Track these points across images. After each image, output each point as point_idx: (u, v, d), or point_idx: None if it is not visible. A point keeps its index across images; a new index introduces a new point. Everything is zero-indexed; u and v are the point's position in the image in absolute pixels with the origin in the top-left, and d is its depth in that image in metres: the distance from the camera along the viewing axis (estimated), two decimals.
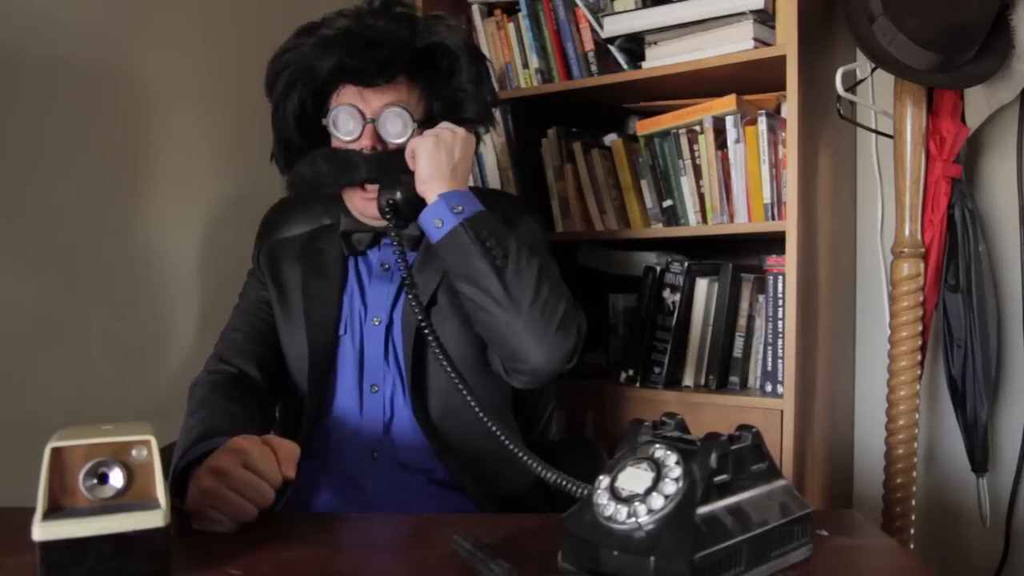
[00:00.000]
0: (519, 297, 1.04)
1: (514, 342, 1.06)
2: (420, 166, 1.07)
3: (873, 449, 1.82)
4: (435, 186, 1.07)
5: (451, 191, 1.07)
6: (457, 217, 1.05)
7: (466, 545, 0.71)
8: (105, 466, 0.68)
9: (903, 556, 0.83)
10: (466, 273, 1.05)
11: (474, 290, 1.05)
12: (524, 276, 1.05)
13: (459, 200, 1.06)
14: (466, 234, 1.04)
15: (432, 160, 1.07)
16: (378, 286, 1.20)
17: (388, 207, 1.08)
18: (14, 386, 1.37)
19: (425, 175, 1.07)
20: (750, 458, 0.71)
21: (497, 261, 1.04)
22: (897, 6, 1.47)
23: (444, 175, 1.07)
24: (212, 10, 1.68)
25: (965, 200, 1.61)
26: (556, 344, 1.05)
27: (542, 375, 1.08)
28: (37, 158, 1.41)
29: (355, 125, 1.13)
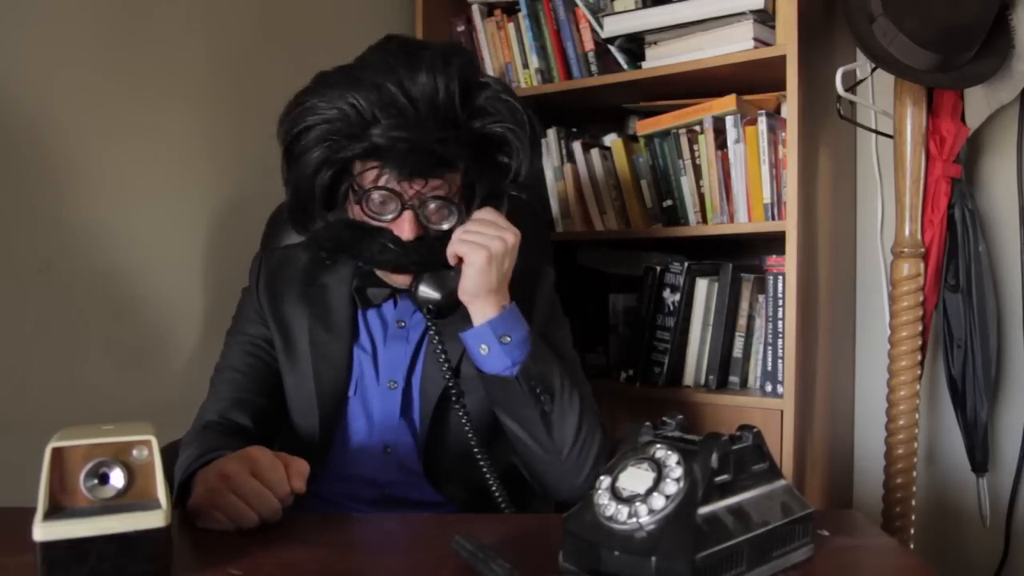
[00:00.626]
0: (561, 442, 1.03)
1: (547, 479, 1.07)
2: (466, 280, 0.99)
3: (873, 449, 1.82)
4: (480, 304, 1.01)
5: (497, 317, 1.00)
6: (505, 350, 1.00)
7: (467, 545, 0.71)
8: (106, 466, 0.68)
9: (904, 556, 0.83)
10: (511, 413, 1.03)
11: (517, 427, 1.04)
12: (567, 418, 1.03)
13: (506, 328, 1.00)
14: (519, 387, 1.00)
15: (481, 277, 0.99)
16: (393, 346, 1.12)
17: (429, 310, 1.03)
18: (14, 386, 1.37)
19: (471, 290, 1.00)
20: (751, 458, 0.71)
21: (545, 407, 1.01)
22: (897, 6, 1.47)
23: (490, 291, 1.00)
24: (212, 9, 1.68)
25: (965, 200, 1.61)
26: (588, 481, 1.04)
27: (568, 502, 1.06)
28: (37, 158, 1.41)
29: (393, 207, 1.00)
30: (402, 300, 1.14)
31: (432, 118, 0.95)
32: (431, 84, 0.95)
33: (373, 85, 0.95)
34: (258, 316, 1.17)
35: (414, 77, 0.95)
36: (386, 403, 1.11)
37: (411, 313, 1.13)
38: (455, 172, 1.02)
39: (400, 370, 1.12)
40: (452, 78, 0.96)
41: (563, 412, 1.03)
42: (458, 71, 0.97)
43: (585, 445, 1.05)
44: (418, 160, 0.96)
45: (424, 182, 0.99)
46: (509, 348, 1.00)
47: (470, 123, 1.00)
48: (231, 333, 1.20)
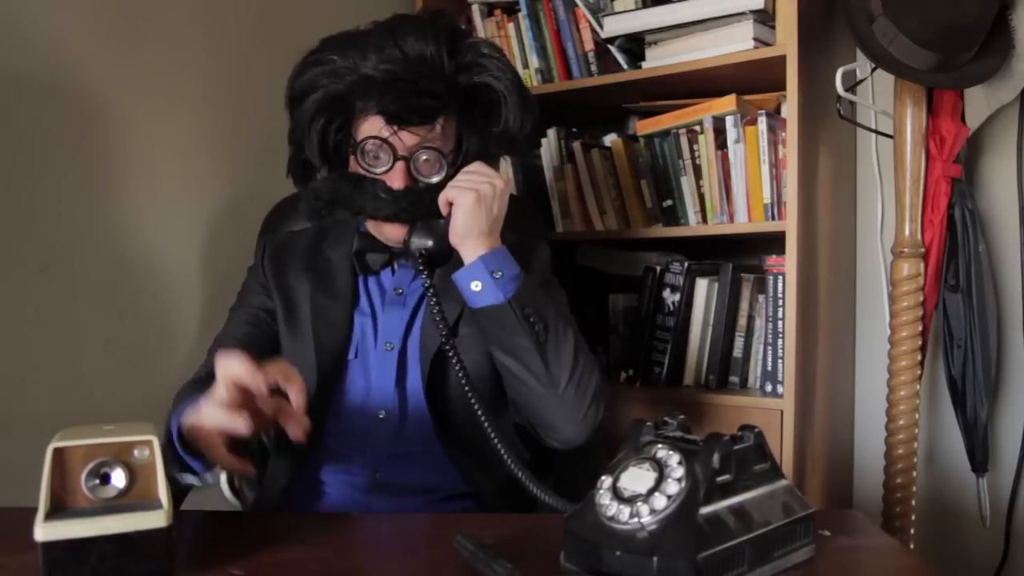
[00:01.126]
0: (557, 374, 1.04)
1: (549, 416, 1.07)
2: (456, 221, 1.03)
3: (873, 449, 1.82)
4: (471, 244, 1.03)
5: (489, 252, 1.03)
6: (498, 284, 1.02)
7: (468, 545, 0.71)
8: (107, 466, 0.68)
9: (905, 556, 0.83)
10: (506, 346, 1.04)
11: (513, 362, 1.05)
12: (563, 351, 1.05)
13: (497, 263, 1.03)
14: (512, 312, 1.02)
15: (471, 217, 1.02)
16: (391, 311, 1.16)
17: (420, 256, 1.05)
18: (14, 386, 1.37)
19: (461, 231, 1.03)
20: (752, 458, 0.71)
21: (539, 337, 1.03)
22: (897, 6, 1.47)
23: (481, 232, 1.03)
24: (212, 9, 1.68)
25: (965, 200, 1.61)
26: (588, 418, 1.07)
27: (573, 444, 1.09)
28: (38, 158, 1.41)
29: (386, 159, 1.07)
30: (400, 268, 1.18)
31: (423, 70, 1.04)
32: (421, 43, 1.04)
33: (369, 42, 1.05)
34: (262, 288, 1.22)
35: (405, 37, 1.04)
36: (383, 365, 1.14)
37: (409, 281, 1.17)
38: (445, 121, 1.08)
39: (397, 333, 1.15)
40: (440, 38, 1.05)
41: (558, 344, 1.05)
42: (447, 33, 1.06)
43: (582, 380, 1.06)
44: (408, 110, 1.03)
45: (418, 130, 1.05)
46: (501, 282, 1.03)
47: (457, 76, 1.07)
48: (233, 308, 1.24)
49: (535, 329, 1.03)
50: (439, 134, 1.08)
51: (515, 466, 0.93)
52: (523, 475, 0.92)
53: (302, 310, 1.16)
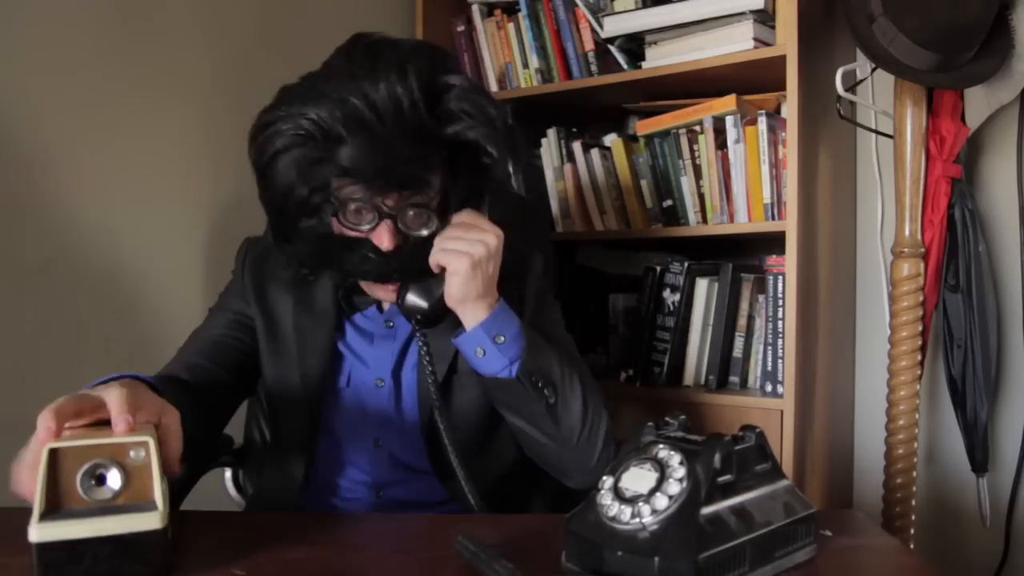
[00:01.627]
0: (569, 430, 1.03)
1: (562, 466, 1.08)
2: (452, 288, 0.97)
3: (873, 449, 1.82)
4: (469, 308, 0.99)
5: (488, 317, 0.99)
6: (501, 350, 0.99)
7: (470, 546, 0.71)
8: (103, 467, 0.67)
9: (906, 556, 0.83)
10: (516, 411, 1.03)
11: (524, 424, 1.04)
12: (572, 405, 1.03)
13: (498, 327, 0.99)
14: (520, 385, 0.99)
15: (467, 284, 0.97)
16: (381, 346, 1.12)
17: (417, 320, 1.01)
18: (14, 386, 1.36)
19: (458, 298, 0.98)
20: (754, 458, 0.71)
21: (549, 400, 1.01)
22: (897, 6, 1.47)
23: (478, 295, 0.98)
24: (212, 9, 1.68)
25: (965, 200, 1.61)
26: (600, 463, 1.05)
27: (585, 487, 1.08)
28: (38, 158, 1.41)
29: (370, 219, 0.97)
30: (389, 305, 1.13)
31: (399, 131, 0.91)
32: (393, 94, 0.91)
33: (337, 99, 0.91)
34: (241, 295, 1.16)
35: (376, 89, 0.90)
36: (376, 400, 1.11)
37: (398, 313, 1.11)
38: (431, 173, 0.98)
39: (387, 368, 1.11)
40: (412, 85, 0.91)
41: (567, 400, 1.03)
42: (418, 76, 0.92)
43: (593, 427, 1.05)
44: (390, 178, 0.94)
45: (399, 192, 0.96)
46: (505, 347, 0.99)
47: (441, 129, 0.95)
48: (212, 309, 1.20)
49: (544, 394, 1.00)
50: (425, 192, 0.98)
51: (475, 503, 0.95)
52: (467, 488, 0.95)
53: (285, 330, 1.12)
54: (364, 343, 1.13)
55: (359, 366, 1.12)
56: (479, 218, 1.00)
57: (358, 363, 1.12)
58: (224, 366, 1.12)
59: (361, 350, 1.12)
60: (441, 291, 0.99)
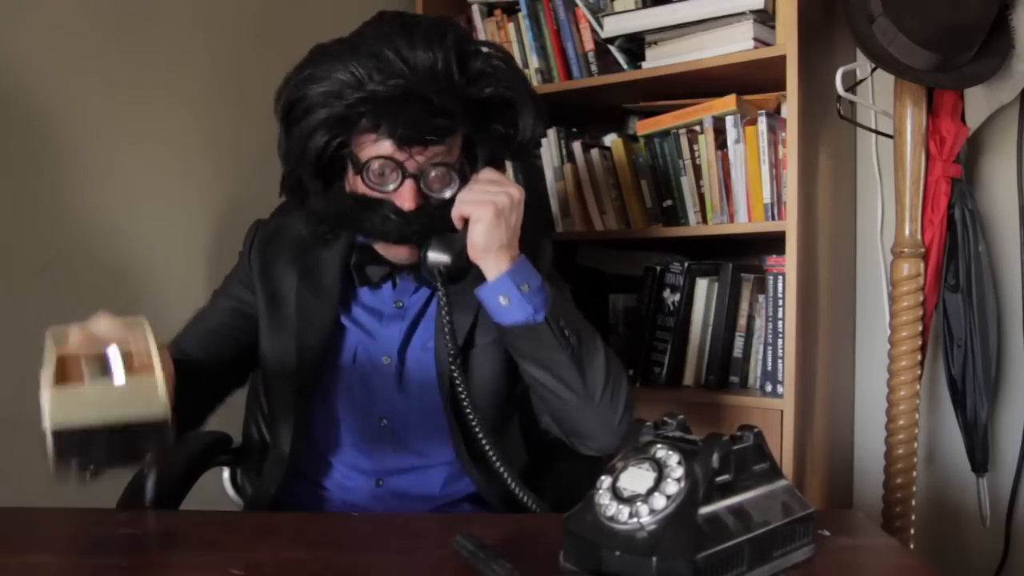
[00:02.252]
0: (593, 385, 1.02)
1: (585, 426, 1.06)
2: (476, 236, 0.97)
3: (873, 449, 1.82)
4: (492, 258, 0.98)
5: (513, 266, 0.99)
6: (525, 298, 0.98)
7: (468, 546, 0.71)
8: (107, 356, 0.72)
9: (905, 556, 0.83)
10: (541, 361, 1.01)
11: (548, 376, 1.02)
12: (596, 361, 1.03)
13: (523, 276, 0.99)
14: (549, 328, 0.98)
15: (491, 232, 0.97)
16: (390, 325, 1.12)
17: (439, 273, 1.00)
18: (14, 386, 1.36)
19: (482, 246, 0.98)
20: (752, 458, 0.71)
21: (574, 350, 1.00)
22: (897, 6, 1.47)
23: (502, 245, 0.98)
24: (212, 9, 1.68)
25: (965, 200, 1.61)
26: (622, 425, 1.05)
27: (607, 451, 1.07)
28: (38, 157, 1.41)
29: (394, 178, 0.99)
30: (401, 281, 1.13)
31: (432, 84, 0.95)
32: (428, 55, 0.95)
33: (371, 53, 0.95)
34: (246, 278, 1.17)
35: (411, 48, 0.95)
36: (382, 377, 1.11)
37: (409, 294, 1.13)
38: (455, 137, 1.01)
39: (394, 347, 1.12)
40: (449, 49, 0.96)
41: (591, 352, 1.03)
42: (454, 43, 0.97)
43: (616, 386, 1.05)
44: (419, 128, 0.96)
45: (424, 148, 0.98)
46: (530, 295, 0.99)
47: (469, 89, 0.99)
48: (215, 292, 1.21)
49: (571, 343, 1.00)
50: (449, 149, 1.02)
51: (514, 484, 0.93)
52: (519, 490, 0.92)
53: (287, 305, 1.12)
54: (372, 320, 1.13)
55: (367, 342, 1.12)
56: (500, 175, 1.02)
57: (366, 339, 1.12)
58: (218, 355, 1.12)
59: (370, 326, 1.13)
60: (463, 243, 0.99)
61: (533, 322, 0.98)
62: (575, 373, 1.01)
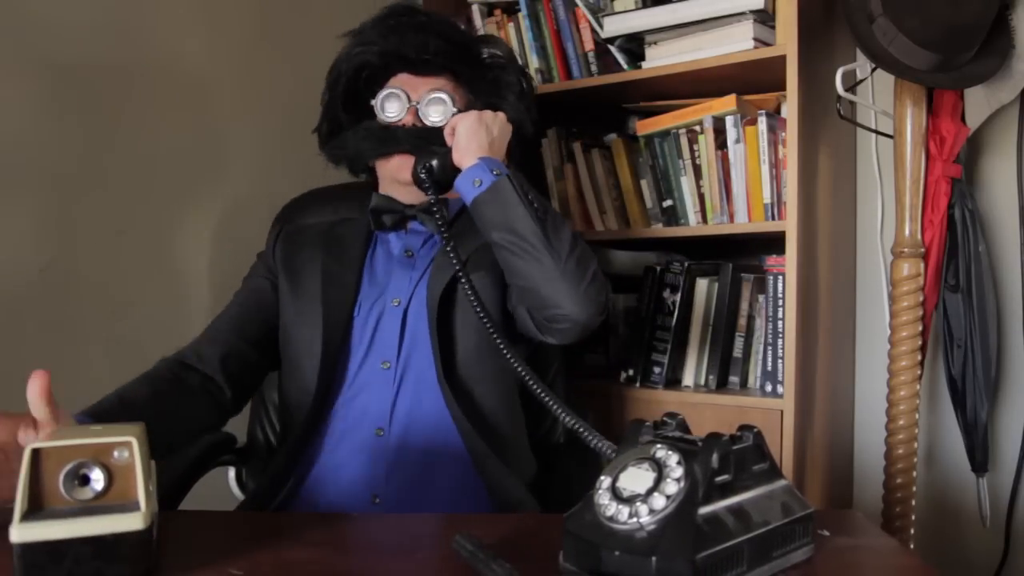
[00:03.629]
0: (557, 246, 1.08)
1: (551, 291, 1.09)
2: (459, 137, 1.14)
3: (873, 449, 1.82)
4: (472, 154, 1.13)
5: (489, 158, 1.13)
6: (496, 177, 1.10)
7: (467, 545, 0.71)
8: (86, 467, 0.67)
9: (904, 556, 0.83)
10: (506, 223, 1.09)
11: (514, 238, 1.09)
12: (561, 230, 1.10)
13: (497, 165, 1.12)
14: (510, 184, 1.09)
15: (472, 133, 1.14)
16: (400, 272, 1.22)
17: (424, 172, 1.13)
18: (14, 386, 1.36)
19: (463, 146, 1.13)
20: (752, 458, 0.71)
21: (538, 212, 1.09)
22: (897, 6, 1.47)
23: (481, 147, 1.13)
24: (214, 8, 1.68)
25: (965, 200, 1.61)
26: (590, 295, 1.10)
27: (577, 324, 1.11)
28: (38, 158, 1.41)
29: (399, 106, 1.23)
30: (411, 230, 1.26)
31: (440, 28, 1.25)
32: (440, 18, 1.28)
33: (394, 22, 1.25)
34: (267, 271, 1.27)
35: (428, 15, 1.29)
36: (389, 320, 1.18)
37: (419, 245, 1.24)
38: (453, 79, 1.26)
39: (405, 291, 1.20)
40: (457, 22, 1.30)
41: (556, 224, 1.11)
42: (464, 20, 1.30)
43: (583, 257, 1.11)
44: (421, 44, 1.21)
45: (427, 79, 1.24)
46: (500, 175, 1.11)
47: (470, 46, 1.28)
48: (237, 292, 1.29)
49: (534, 205, 1.09)
50: (449, 87, 1.24)
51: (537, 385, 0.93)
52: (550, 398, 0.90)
53: (311, 280, 1.21)
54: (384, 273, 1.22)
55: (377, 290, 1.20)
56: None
57: (377, 288, 1.20)
58: (246, 339, 1.21)
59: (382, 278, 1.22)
60: (449, 151, 1.15)
61: (495, 180, 1.10)
62: (537, 229, 1.08)
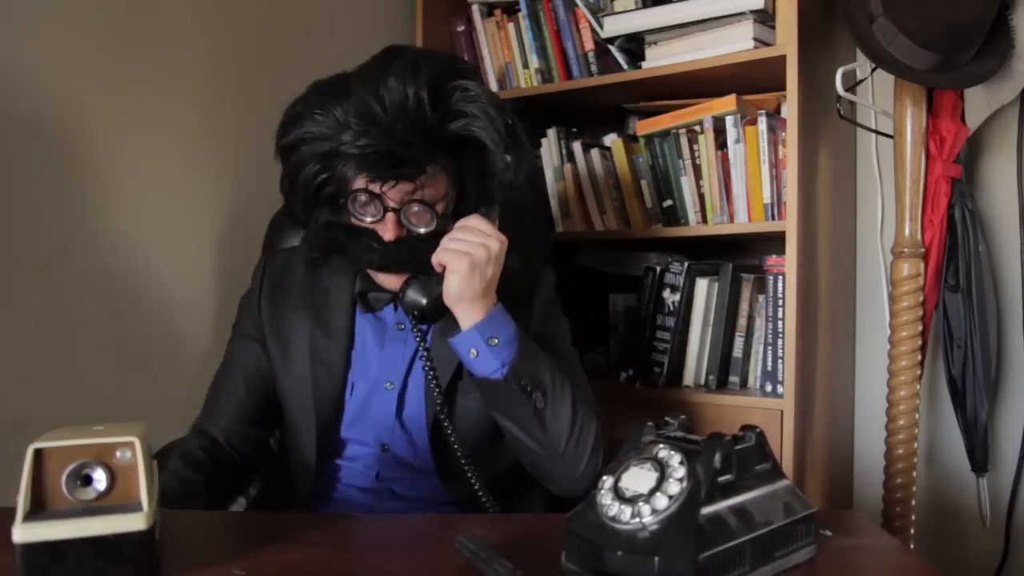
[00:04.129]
0: (556, 437, 1.05)
1: (548, 472, 1.09)
2: (450, 286, 1.01)
3: (873, 449, 1.82)
4: (466, 308, 1.02)
5: (484, 319, 1.02)
6: (493, 352, 1.01)
7: (470, 545, 0.71)
8: (88, 467, 0.67)
9: (906, 556, 0.83)
10: (506, 413, 1.05)
11: (513, 427, 1.06)
12: (560, 412, 1.05)
13: (492, 329, 1.02)
14: (510, 387, 1.02)
15: (464, 283, 1.01)
16: (392, 348, 1.15)
17: (414, 312, 1.05)
18: (14, 386, 1.36)
19: (455, 296, 1.02)
20: (754, 458, 0.71)
21: (537, 404, 1.03)
22: (897, 6, 1.47)
23: (475, 296, 1.01)
24: (214, 8, 1.68)
25: (965, 200, 1.61)
26: (586, 473, 1.08)
27: (572, 495, 1.09)
28: (38, 157, 1.41)
29: (376, 211, 1.04)
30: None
31: (401, 123, 0.99)
32: (399, 90, 0.98)
33: (350, 93, 1.01)
34: (254, 326, 1.21)
35: (387, 83, 0.99)
36: (383, 403, 1.13)
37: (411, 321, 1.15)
38: (431, 175, 1.03)
39: (398, 372, 1.14)
40: (422, 84, 0.99)
41: (556, 407, 1.05)
42: (428, 77, 0.99)
43: (581, 436, 1.07)
44: (381, 162, 0.99)
45: (404, 185, 1.02)
46: (497, 350, 1.01)
47: (443, 126, 1.02)
48: (231, 342, 1.24)
49: (532, 398, 1.03)
50: (428, 185, 1.04)
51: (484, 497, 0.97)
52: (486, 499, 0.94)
53: (299, 350, 1.16)
54: (375, 346, 1.15)
55: (366, 371, 1.14)
56: (485, 223, 1.04)
57: (369, 367, 1.14)
58: (260, 424, 1.20)
59: (372, 353, 1.15)
60: (440, 290, 1.03)
61: (496, 379, 1.01)
62: (536, 426, 1.04)
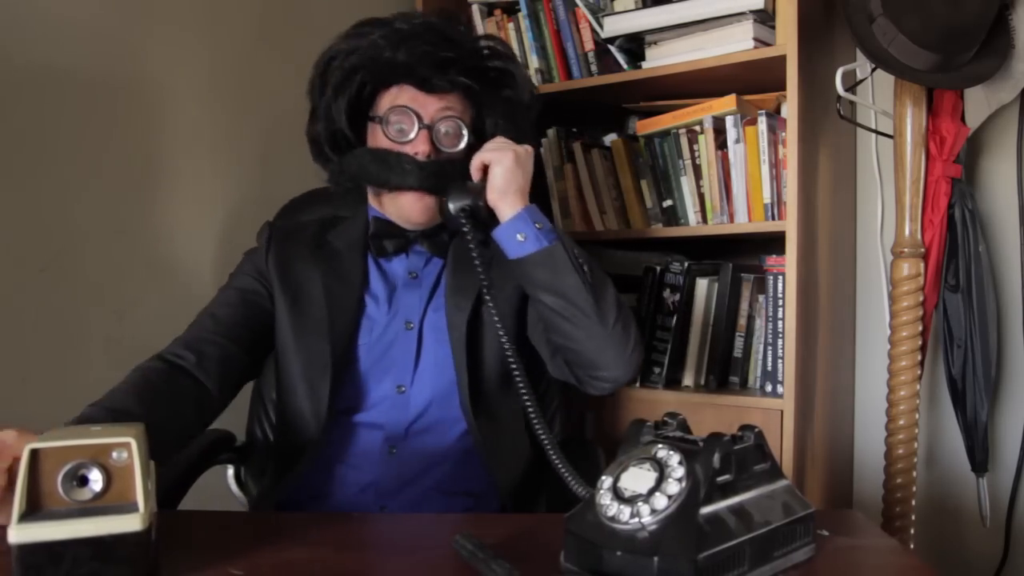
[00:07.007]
0: (606, 311, 1.07)
1: (598, 355, 1.10)
2: (496, 179, 1.08)
3: (873, 449, 1.82)
4: (510, 200, 1.08)
5: (529, 206, 1.08)
6: (542, 233, 1.07)
7: (467, 545, 0.71)
8: (84, 468, 0.67)
9: (904, 556, 0.83)
10: (558, 288, 1.06)
11: (564, 303, 1.07)
12: (607, 292, 1.09)
13: (537, 216, 1.08)
14: (564, 251, 1.06)
15: (510, 175, 1.08)
16: (408, 293, 1.19)
17: (464, 214, 1.09)
18: (14, 386, 1.36)
19: (501, 188, 1.08)
20: (753, 458, 0.71)
21: (587, 276, 1.07)
22: (897, 6, 1.47)
23: (519, 189, 1.08)
24: (215, 9, 1.68)
25: (965, 200, 1.61)
26: (633, 361, 1.11)
27: (618, 384, 1.12)
28: (38, 158, 1.41)
29: (410, 127, 1.12)
30: (413, 252, 1.21)
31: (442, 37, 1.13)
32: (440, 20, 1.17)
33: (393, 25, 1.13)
34: (256, 274, 1.22)
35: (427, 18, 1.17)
36: (403, 343, 1.16)
37: (422, 265, 1.21)
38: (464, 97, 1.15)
39: (416, 313, 1.18)
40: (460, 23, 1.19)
41: (603, 285, 1.09)
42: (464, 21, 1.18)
43: (627, 320, 1.11)
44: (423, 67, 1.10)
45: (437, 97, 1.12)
46: (544, 232, 1.07)
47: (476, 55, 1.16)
48: (222, 288, 1.24)
49: (584, 269, 1.07)
50: (461, 108, 1.15)
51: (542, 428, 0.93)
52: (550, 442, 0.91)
53: (314, 299, 1.17)
54: (388, 294, 1.19)
55: (386, 313, 1.17)
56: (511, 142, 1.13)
57: (386, 309, 1.17)
58: (233, 339, 1.17)
59: (385, 299, 1.18)
60: (482, 189, 1.09)
61: (549, 245, 1.06)
62: (589, 297, 1.06)
